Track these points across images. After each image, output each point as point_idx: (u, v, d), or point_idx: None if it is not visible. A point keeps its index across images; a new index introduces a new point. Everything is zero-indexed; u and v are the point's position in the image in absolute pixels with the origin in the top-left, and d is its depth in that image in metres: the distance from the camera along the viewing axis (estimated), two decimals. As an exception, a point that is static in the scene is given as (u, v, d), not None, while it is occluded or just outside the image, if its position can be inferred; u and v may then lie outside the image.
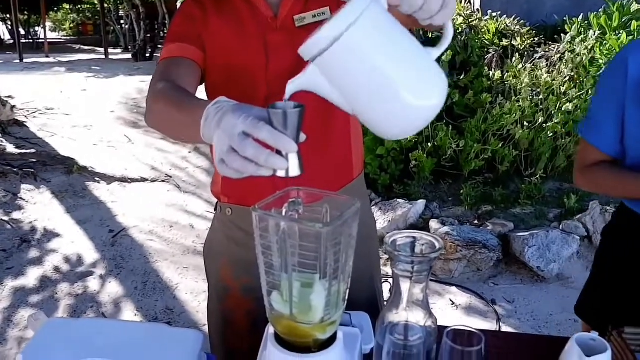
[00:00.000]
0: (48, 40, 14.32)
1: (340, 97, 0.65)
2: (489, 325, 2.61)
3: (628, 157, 1.13)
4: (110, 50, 13.57)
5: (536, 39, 4.34)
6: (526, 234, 3.01)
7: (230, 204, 1.19)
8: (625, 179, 1.13)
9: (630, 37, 3.46)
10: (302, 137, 0.67)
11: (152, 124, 0.97)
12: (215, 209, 1.26)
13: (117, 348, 0.94)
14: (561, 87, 3.59)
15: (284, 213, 0.81)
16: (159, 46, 15.06)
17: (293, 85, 0.69)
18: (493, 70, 3.77)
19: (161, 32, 14.53)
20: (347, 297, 0.81)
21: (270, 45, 1.09)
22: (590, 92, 3.55)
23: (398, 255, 0.82)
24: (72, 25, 20.67)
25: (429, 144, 3.49)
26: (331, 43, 0.60)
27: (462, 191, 3.44)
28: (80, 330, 1.01)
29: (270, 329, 0.83)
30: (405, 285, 0.84)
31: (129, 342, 0.98)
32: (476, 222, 3.30)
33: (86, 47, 16.23)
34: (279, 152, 0.64)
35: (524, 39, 4.16)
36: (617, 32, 3.58)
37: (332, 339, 0.80)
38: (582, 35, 3.76)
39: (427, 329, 0.85)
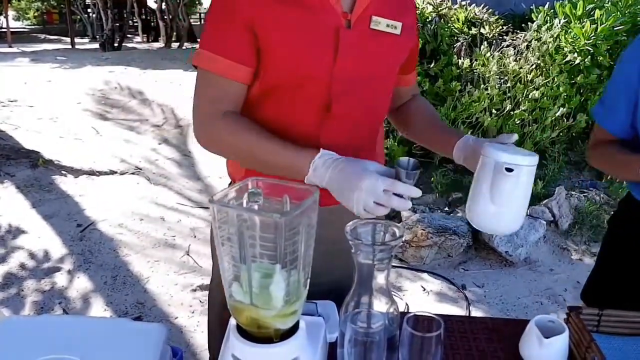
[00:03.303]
0: (11, 30, 13.85)
1: (488, 184, 0.98)
2: (460, 310, 2.66)
3: None
4: (77, 40, 13.21)
5: (505, 27, 4.39)
6: (495, 219, 3.06)
7: None
8: (619, 159, 1.17)
9: (594, 26, 3.53)
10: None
11: (215, 150, 1.07)
12: None
13: (78, 344, 0.93)
14: (528, 75, 3.64)
15: (244, 204, 0.80)
16: (128, 35, 14.74)
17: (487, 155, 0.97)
18: (462, 58, 3.80)
19: (130, 21, 14.20)
20: (308, 286, 0.81)
21: (342, 42, 1.01)
22: (556, 79, 3.61)
23: (359, 244, 0.82)
24: (36, 14, 20.05)
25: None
26: (522, 165, 0.96)
27: (432, 179, 3.48)
28: (41, 327, 1.00)
29: (232, 322, 0.83)
30: (367, 273, 0.84)
31: (91, 338, 0.96)
32: (447, 209, 3.34)
33: (52, 37, 15.77)
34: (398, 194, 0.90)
35: (492, 28, 4.20)
36: (581, 21, 3.65)
37: (294, 329, 0.80)
38: (548, 24, 3.82)
39: (389, 315, 0.86)
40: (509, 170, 0.95)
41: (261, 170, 1.02)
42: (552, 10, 4.01)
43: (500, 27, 4.36)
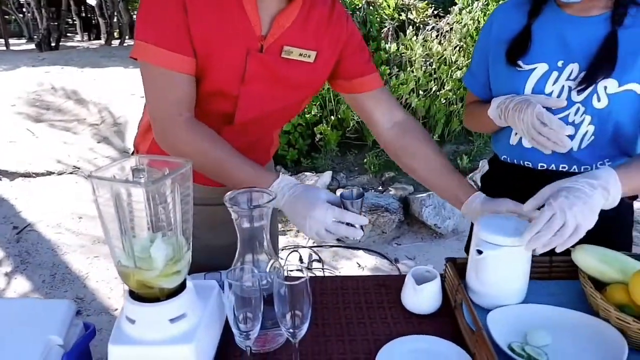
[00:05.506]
0: (-62, 33, 13.14)
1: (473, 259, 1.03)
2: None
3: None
4: (13, 41, 12.66)
5: (434, 12, 4.56)
6: (423, 195, 3.23)
7: None
8: (477, 112, 1.33)
9: (509, 7, 3.73)
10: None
11: (177, 155, 1.04)
12: None
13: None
14: (452, 57, 3.82)
15: (131, 178, 0.88)
16: (69, 34, 14.23)
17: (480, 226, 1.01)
18: (389, 43, 3.94)
19: (69, 19, 13.68)
20: (191, 248, 0.89)
21: (250, 66, 1.06)
22: (477, 59, 3.81)
23: (237, 210, 0.91)
24: (-35, 16, 19.04)
25: (333, 117, 3.62)
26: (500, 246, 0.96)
27: (366, 160, 3.62)
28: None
29: (125, 288, 0.91)
30: (248, 235, 0.94)
31: (0, 319, 1.02)
32: (380, 188, 3.49)
33: (-16, 39, 15.03)
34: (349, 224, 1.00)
35: (419, 13, 4.36)
36: (498, 2, 3.85)
37: (181, 288, 0.89)
38: (469, 7, 4.01)
39: (270, 274, 0.96)
40: (479, 252, 0.93)
41: (220, 181, 1.08)
42: (473, -6, 4.20)
43: (431, 11, 4.53)
